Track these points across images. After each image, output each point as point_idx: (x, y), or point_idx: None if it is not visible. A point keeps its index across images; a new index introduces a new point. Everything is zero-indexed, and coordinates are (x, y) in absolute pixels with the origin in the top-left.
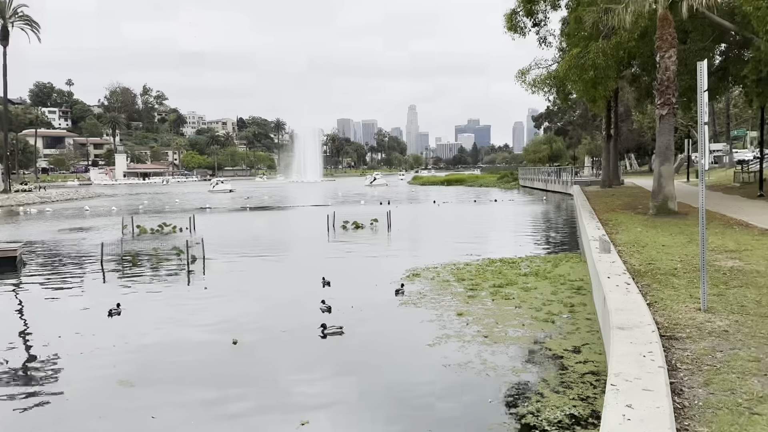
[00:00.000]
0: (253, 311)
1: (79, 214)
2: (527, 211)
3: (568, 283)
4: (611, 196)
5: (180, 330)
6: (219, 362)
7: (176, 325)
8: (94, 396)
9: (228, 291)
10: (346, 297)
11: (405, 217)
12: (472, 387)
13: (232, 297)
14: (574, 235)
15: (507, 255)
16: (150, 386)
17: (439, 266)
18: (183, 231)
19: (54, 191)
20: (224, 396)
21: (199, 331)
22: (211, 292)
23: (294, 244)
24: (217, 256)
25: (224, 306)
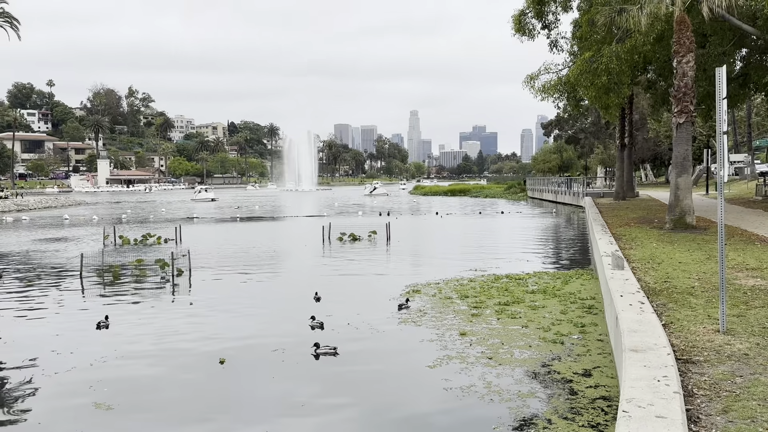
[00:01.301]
0: (242, 329)
1: (57, 223)
2: (536, 224)
3: (579, 301)
4: (625, 209)
5: (163, 348)
6: (205, 384)
7: (159, 343)
8: (68, 421)
9: (215, 307)
10: (341, 314)
11: (406, 229)
12: (475, 413)
13: (220, 313)
14: (586, 251)
15: (514, 271)
16: (129, 411)
17: (441, 282)
18: (168, 242)
19: (32, 198)
20: (209, 424)
21: (184, 350)
22: (197, 307)
23: (286, 257)
24: (204, 269)
25: (211, 323)
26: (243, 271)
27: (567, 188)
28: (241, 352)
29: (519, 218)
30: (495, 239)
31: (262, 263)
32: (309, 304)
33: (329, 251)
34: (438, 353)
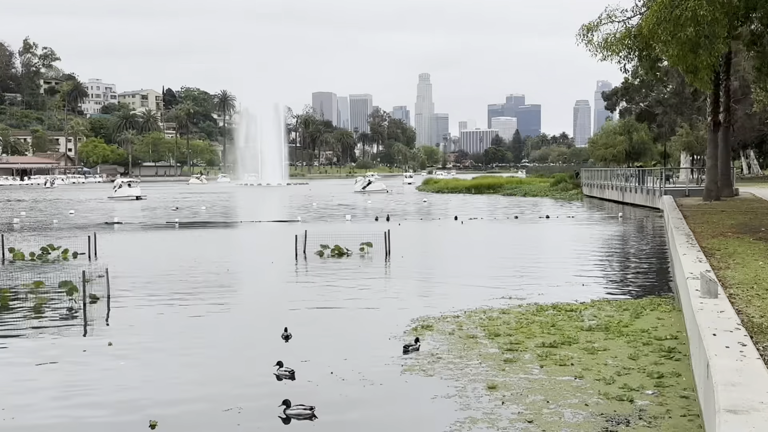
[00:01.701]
0: (181, 379)
1: None
2: (594, 233)
3: (654, 342)
4: (719, 213)
5: (71, 406)
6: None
7: (66, 399)
8: None
9: (144, 347)
10: (321, 359)
11: (412, 240)
12: None
13: (150, 356)
14: (664, 271)
15: (563, 299)
16: None
17: (462, 314)
18: (78, 258)
19: None
20: None
21: (101, 409)
22: (118, 348)
23: (244, 278)
24: (128, 295)
25: (138, 370)
26: (183, 299)
27: (638, 183)
28: (180, 414)
29: (571, 225)
30: (537, 254)
31: (211, 287)
32: (276, 344)
33: (305, 271)
34: (457, 415)
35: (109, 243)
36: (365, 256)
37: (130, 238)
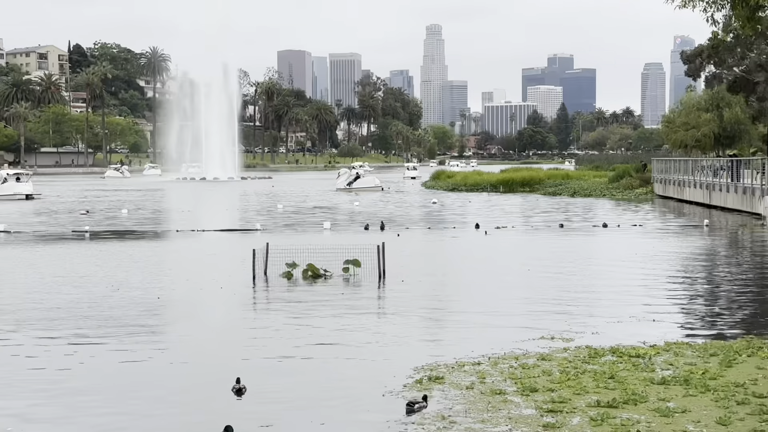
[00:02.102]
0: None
1: None
2: (670, 249)
3: (753, 400)
4: None
5: None
6: None
7: None
8: None
9: (26, 417)
10: (289, 421)
11: (416, 257)
12: None
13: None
14: (767, 303)
15: (626, 340)
16: None
17: (485, 361)
18: None
19: None
20: None
21: None
22: (3, 414)
23: (180, 311)
24: (16, 330)
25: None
26: (93, 342)
27: (731, 179)
28: None
29: (637, 237)
30: (590, 278)
31: (133, 322)
32: (223, 402)
33: (265, 300)
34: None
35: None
36: (350, 279)
37: (18, 253)
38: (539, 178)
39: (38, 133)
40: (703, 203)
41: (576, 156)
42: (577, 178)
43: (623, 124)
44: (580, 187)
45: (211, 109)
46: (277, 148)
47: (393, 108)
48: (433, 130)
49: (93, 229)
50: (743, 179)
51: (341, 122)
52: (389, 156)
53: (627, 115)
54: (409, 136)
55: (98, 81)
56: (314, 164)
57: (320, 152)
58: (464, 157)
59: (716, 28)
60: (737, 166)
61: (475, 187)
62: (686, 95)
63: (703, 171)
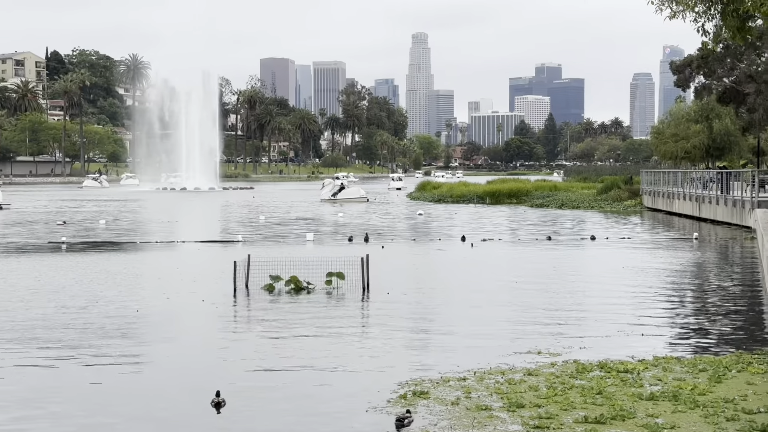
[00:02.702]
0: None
1: None
2: (659, 262)
3: (743, 417)
4: None
5: None
6: None
7: None
8: None
9: (22, 415)
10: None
11: (401, 269)
12: None
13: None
14: (757, 317)
15: (614, 354)
16: None
17: (471, 376)
18: None
19: None
20: None
21: None
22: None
23: (159, 322)
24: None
25: None
26: (69, 357)
27: (721, 191)
28: None
29: (625, 250)
30: (578, 292)
31: (111, 337)
32: (204, 416)
33: (248, 312)
34: None
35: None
36: (334, 291)
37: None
38: (526, 189)
39: (14, 142)
40: (692, 216)
41: (564, 167)
42: (565, 189)
43: (612, 135)
44: (568, 198)
45: (192, 117)
46: (259, 157)
47: (378, 117)
48: (419, 140)
49: (70, 241)
50: (733, 192)
51: (325, 132)
52: (374, 166)
53: (615, 126)
54: (394, 146)
55: (76, 88)
56: (297, 174)
57: (303, 162)
58: (450, 167)
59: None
60: (727, 179)
61: (462, 198)
62: (676, 106)
63: (693, 183)
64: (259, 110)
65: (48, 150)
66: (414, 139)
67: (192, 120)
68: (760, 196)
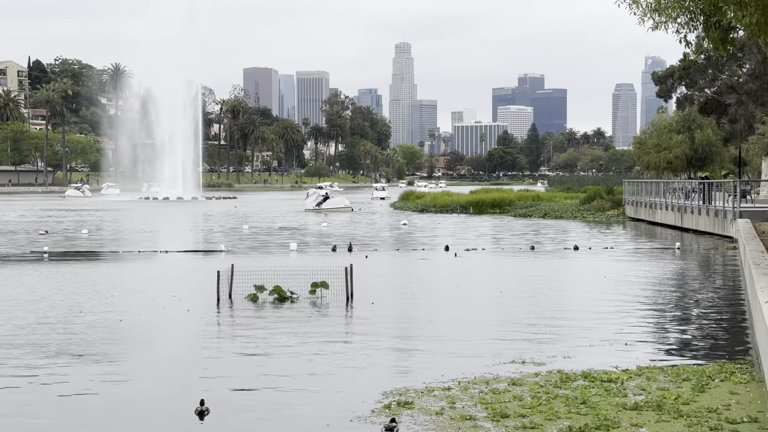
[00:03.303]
0: None
1: None
2: (642, 272)
3: (726, 426)
4: None
5: None
6: None
7: None
8: None
9: None
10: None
11: (385, 279)
12: None
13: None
14: (739, 326)
15: (598, 364)
16: None
17: (455, 386)
18: None
19: None
20: None
21: None
22: None
23: (142, 333)
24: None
25: None
26: (50, 368)
27: (703, 202)
28: None
29: (608, 260)
30: (561, 301)
31: (90, 345)
32: (188, 424)
33: (232, 322)
34: None
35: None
36: (318, 301)
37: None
38: (510, 199)
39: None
40: (674, 226)
41: (548, 177)
42: (548, 199)
43: (594, 145)
44: (551, 208)
45: (175, 127)
46: (242, 167)
47: (361, 127)
48: (402, 150)
49: (52, 250)
50: (715, 202)
51: (308, 141)
52: (357, 176)
53: (598, 136)
54: (377, 156)
55: (58, 98)
56: (281, 184)
57: (287, 172)
58: (433, 177)
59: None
60: (709, 189)
61: (445, 208)
62: (658, 116)
63: (675, 193)
64: (243, 120)
65: (30, 159)
66: (397, 148)
67: (174, 129)
68: (741, 206)
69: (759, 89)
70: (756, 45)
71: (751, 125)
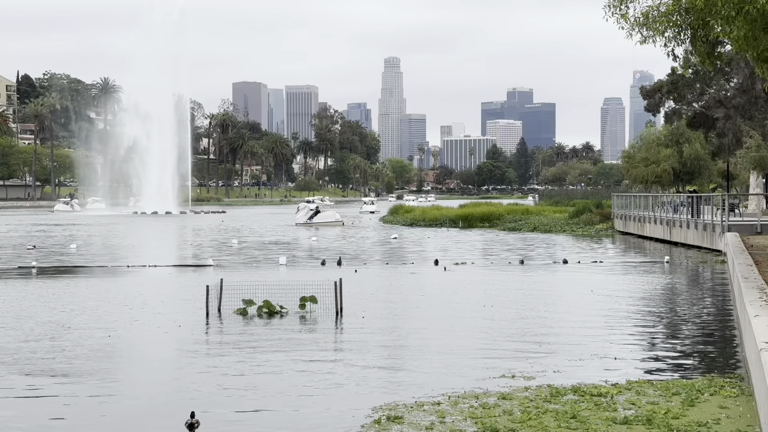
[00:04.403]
0: None
1: None
2: (631, 286)
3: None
4: None
5: None
6: None
7: None
8: None
9: None
10: None
11: (374, 293)
12: None
13: None
14: (728, 340)
15: (588, 378)
16: None
17: (445, 400)
18: None
19: None
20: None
21: None
22: None
23: (130, 349)
24: None
25: None
26: (37, 388)
27: (691, 215)
28: None
29: (597, 274)
30: (551, 315)
31: (81, 363)
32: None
33: (221, 337)
34: None
35: None
36: (307, 315)
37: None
38: (499, 213)
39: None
40: (663, 239)
41: (537, 191)
42: (537, 213)
43: (583, 159)
44: (540, 222)
45: (164, 141)
46: (231, 181)
47: (350, 141)
48: (392, 164)
49: (40, 265)
50: (703, 215)
51: (298, 155)
52: (347, 190)
53: (587, 150)
54: (366, 170)
55: (47, 112)
56: (270, 198)
57: (276, 186)
58: (423, 191)
59: (677, 63)
60: (697, 203)
61: (434, 222)
62: (646, 130)
63: (664, 207)
64: (232, 134)
65: (18, 174)
66: (387, 162)
67: (164, 143)
68: (730, 219)
69: (746, 103)
70: (743, 59)
71: (739, 139)
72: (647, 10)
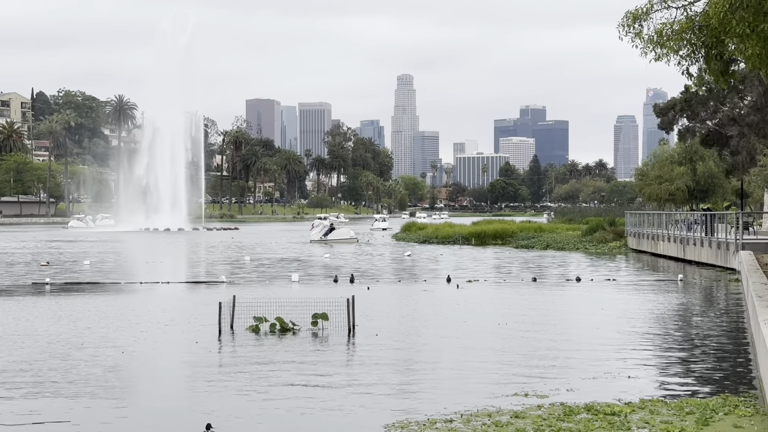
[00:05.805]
0: None
1: None
2: (644, 304)
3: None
4: None
5: None
6: None
7: None
8: None
9: None
10: None
11: (386, 310)
12: None
13: None
14: (743, 359)
15: (601, 397)
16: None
17: (457, 418)
18: None
19: None
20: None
21: None
22: None
23: (143, 364)
24: None
25: None
26: (51, 407)
27: (705, 234)
28: None
29: (611, 292)
30: (564, 334)
31: (96, 379)
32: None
33: (233, 353)
34: None
35: None
36: (319, 333)
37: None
38: (511, 230)
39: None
40: (677, 258)
41: (550, 209)
42: (550, 231)
43: (596, 177)
44: (553, 240)
45: (177, 158)
46: (244, 198)
47: (363, 158)
48: (404, 181)
49: (54, 281)
50: (717, 234)
51: (310, 172)
52: (359, 207)
53: (600, 168)
54: (379, 187)
55: (61, 129)
56: (283, 215)
57: (289, 203)
58: (435, 208)
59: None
60: (711, 221)
61: (447, 239)
62: (659, 148)
63: (677, 225)
64: (245, 151)
65: (33, 190)
66: (399, 180)
67: (177, 160)
68: (744, 238)
69: (761, 121)
70: (757, 77)
71: (753, 157)
72: (661, 28)
